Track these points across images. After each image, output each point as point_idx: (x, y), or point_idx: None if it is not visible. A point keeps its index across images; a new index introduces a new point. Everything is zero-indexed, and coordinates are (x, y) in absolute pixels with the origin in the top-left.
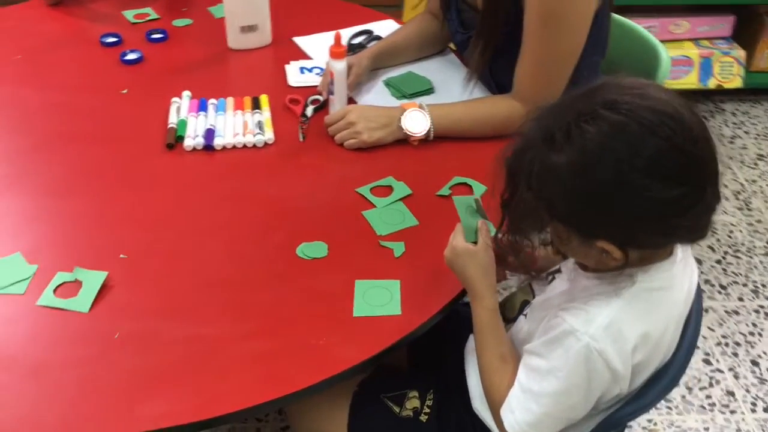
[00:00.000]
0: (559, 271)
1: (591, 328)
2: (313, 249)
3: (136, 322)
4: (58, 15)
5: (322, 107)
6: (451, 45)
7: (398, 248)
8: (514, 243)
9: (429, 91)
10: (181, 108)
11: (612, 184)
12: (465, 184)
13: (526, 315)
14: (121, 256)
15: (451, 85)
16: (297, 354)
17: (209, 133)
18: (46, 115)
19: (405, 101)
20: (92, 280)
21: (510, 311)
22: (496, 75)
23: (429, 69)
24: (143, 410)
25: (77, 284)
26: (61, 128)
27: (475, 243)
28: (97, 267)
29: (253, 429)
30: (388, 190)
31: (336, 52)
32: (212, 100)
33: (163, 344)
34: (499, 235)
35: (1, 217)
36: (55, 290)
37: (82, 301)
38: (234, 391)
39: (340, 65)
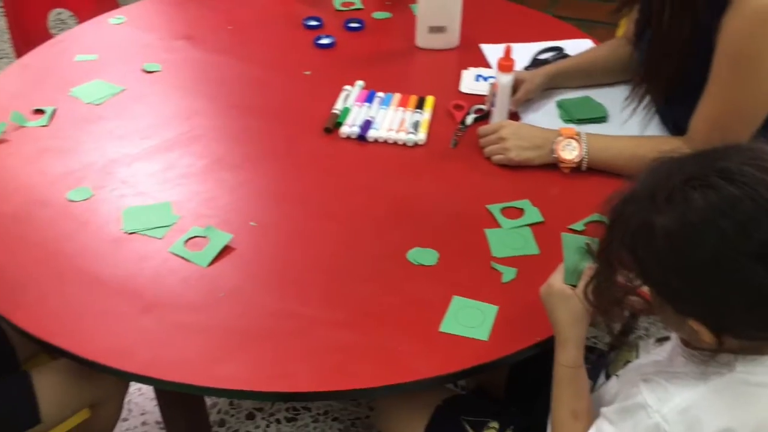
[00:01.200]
0: (668, 338)
1: (665, 408)
2: (423, 255)
3: (242, 286)
4: None
5: (484, 118)
6: None
7: (508, 273)
8: (601, 295)
9: (601, 119)
10: (350, 96)
11: (711, 264)
12: (602, 223)
13: (618, 375)
14: (251, 223)
15: (627, 118)
16: (376, 353)
17: (366, 124)
18: (234, 84)
19: (571, 126)
20: (218, 239)
21: (613, 369)
22: (674, 114)
23: (609, 96)
24: (222, 369)
25: (205, 240)
26: (241, 98)
27: (575, 287)
28: (227, 228)
29: (364, 415)
30: (520, 212)
31: (503, 65)
32: (380, 93)
33: (259, 313)
34: (590, 285)
35: (167, 168)
36: (186, 241)
37: (204, 256)
38: (309, 373)
39: (505, 78)
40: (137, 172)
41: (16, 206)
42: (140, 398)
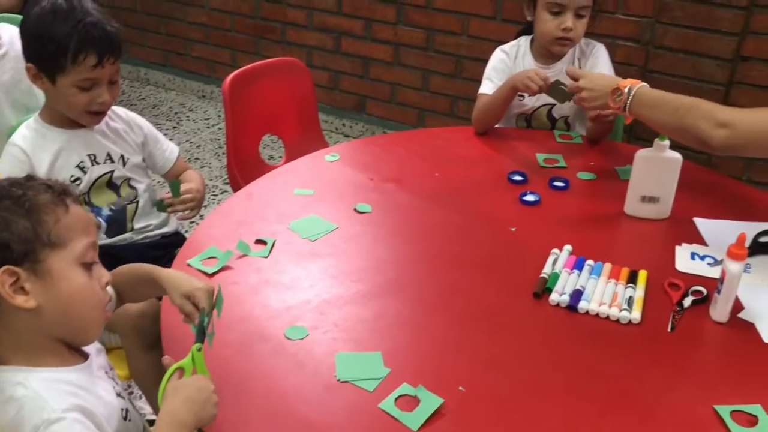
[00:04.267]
0: None
1: None
2: None
3: None
4: (479, 144)
5: (702, 302)
6: None
7: None
8: None
9: None
10: (558, 260)
11: None
12: None
13: None
14: (460, 388)
15: None
16: None
17: (576, 294)
18: (440, 232)
19: None
20: (429, 402)
21: None
22: None
23: None
24: None
25: (415, 401)
26: (448, 248)
27: None
28: (436, 390)
29: None
30: (753, 419)
31: (735, 253)
32: (590, 261)
33: None
34: None
35: (378, 316)
36: (396, 399)
37: (415, 419)
38: None
39: (735, 267)
40: (349, 316)
41: (240, 337)
42: None
